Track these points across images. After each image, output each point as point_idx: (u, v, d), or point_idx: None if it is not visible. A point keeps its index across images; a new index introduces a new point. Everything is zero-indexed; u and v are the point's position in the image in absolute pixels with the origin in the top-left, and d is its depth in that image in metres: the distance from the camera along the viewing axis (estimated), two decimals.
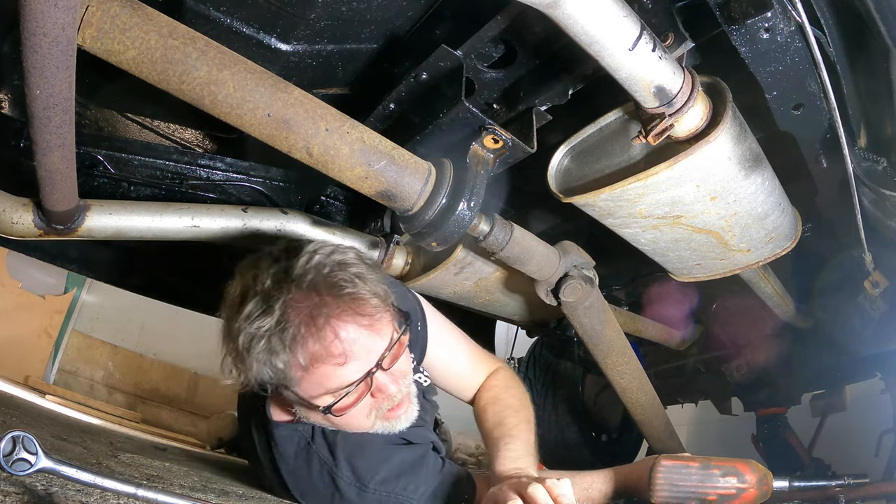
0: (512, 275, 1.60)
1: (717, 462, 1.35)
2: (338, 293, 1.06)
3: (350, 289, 1.07)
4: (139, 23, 0.84)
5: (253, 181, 1.69)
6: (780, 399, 2.40)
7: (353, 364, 1.08)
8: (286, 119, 0.94)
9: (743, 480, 1.31)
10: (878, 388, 2.23)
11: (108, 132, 1.63)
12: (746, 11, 0.93)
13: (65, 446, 1.32)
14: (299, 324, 1.04)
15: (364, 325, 1.08)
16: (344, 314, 1.06)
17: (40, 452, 0.72)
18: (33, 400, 3.23)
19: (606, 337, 1.56)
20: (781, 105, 1.11)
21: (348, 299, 1.07)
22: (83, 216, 1.27)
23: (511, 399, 1.47)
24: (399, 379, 1.16)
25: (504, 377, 1.54)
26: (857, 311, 1.81)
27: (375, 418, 1.16)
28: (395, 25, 1.28)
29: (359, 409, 1.13)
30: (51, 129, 0.89)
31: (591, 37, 0.85)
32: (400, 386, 1.16)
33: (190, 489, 1.15)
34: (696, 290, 2.14)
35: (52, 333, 5.25)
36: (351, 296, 1.07)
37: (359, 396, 1.11)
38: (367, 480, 1.18)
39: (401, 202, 1.09)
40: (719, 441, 3.68)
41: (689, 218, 1.22)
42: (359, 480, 1.18)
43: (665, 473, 1.35)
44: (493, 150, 1.20)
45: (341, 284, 1.07)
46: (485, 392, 1.50)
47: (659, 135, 1.03)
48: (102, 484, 0.78)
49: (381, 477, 1.18)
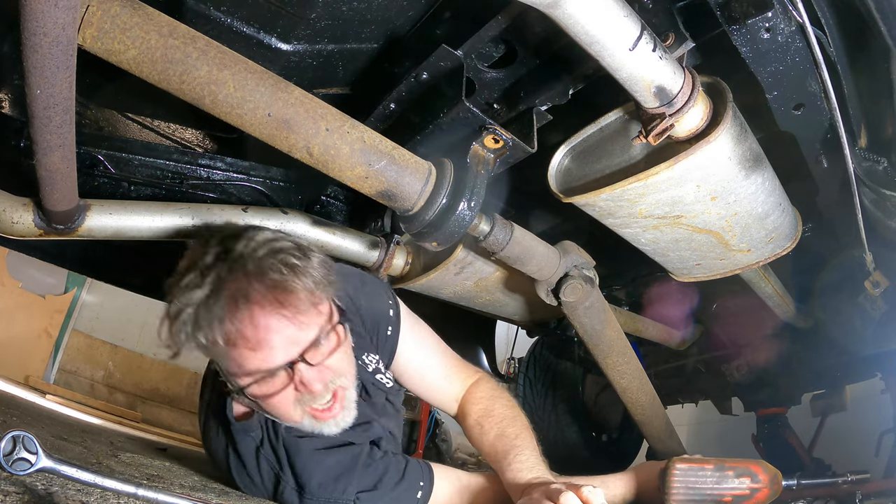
0: (512, 275, 1.60)
1: (730, 463, 1.35)
2: (264, 280, 1.06)
3: (277, 277, 1.06)
4: (139, 22, 0.84)
5: (253, 181, 1.68)
6: (781, 399, 2.40)
7: (272, 352, 1.07)
8: (286, 119, 0.94)
9: (756, 480, 1.32)
10: (878, 388, 2.23)
11: (109, 132, 1.63)
12: (747, 11, 0.93)
13: (65, 446, 1.33)
14: (223, 304, 1.05)
15: (285, 317, 1.07)
16: (265, 302, 1.06)
17: (40, 452, 0.73)
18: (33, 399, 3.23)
19: (607, 337, 1.56)
20: (782, 105, 1.11)
21: (273, 288, 1.06)
22: (83, 216, 1.27)
23: (504, 409, 1.43)
24: (329, 377, 1.14)
25: (488, 388, 1.49)
26: (857, 311, 1.81)
27: (303, 414, 1.15)
28: (396, 25, 1.28)
29: (282, 400, 1.13)
30: (51, 128, 0.89)
31: (591, 37, 0.85)
32: (328, 384, 1.14)
33: (190, 489, 1.15)
34: (696, 290, 2.14)
35: (53, 333, 5.26)
36: (276, 284, 1.06)
37: (282, 386, 1.11)
38: (306, 485, 1.18)
39: (401, 202, 1.09)
40: (719, 441, 3.69)
41: (690, 218, 1.22)
42: (299, 486, 1.19)
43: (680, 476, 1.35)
44: (493, 150, 1.20)
45: (270, 272, 1.06)
46: (473, 406, 1.46)
47: (659, 135, 1.03)
48: (103, 483, 0.78)
49: (318, 481, 1.18)
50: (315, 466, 1.20)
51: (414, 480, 1.28)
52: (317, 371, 1.12)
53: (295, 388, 1.11)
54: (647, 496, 1.48)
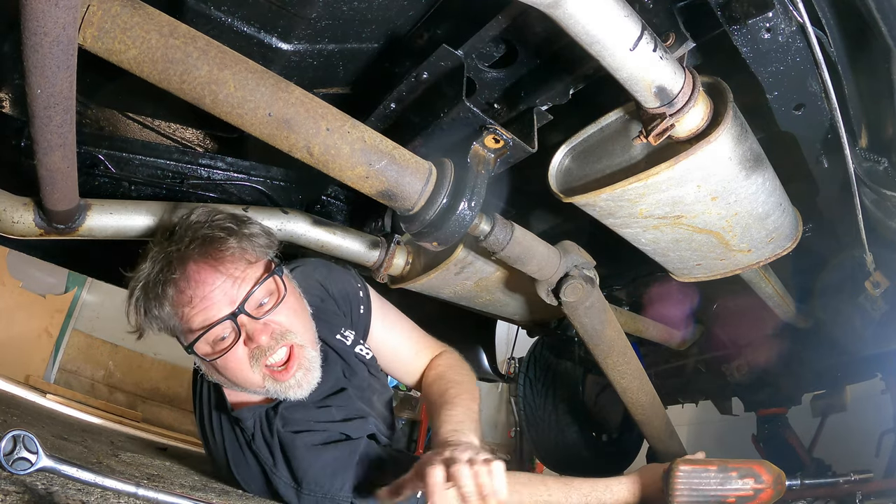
0: (512, 275, 1.60)
1: (734, 464, 1.35)
2: (199, 243, 1.14)
3: (210, 237, 1.14)
4: (140, 22, 0.84)
5: (254, 180, 1.68)
6: (781, 399, 2.40)
7: (213, 305, 1.14)
8: (287, 118, 0.94)
9: (760, 481, 1.32)
10: (878, 388, 2.23)
11: (109, 131, 1.63)
12: (748, 11, 0.93)
13: (65, 445, 1.33)
14: (164, 272, 1.13)
15: (220, 272, 1.14)
16: (200, 260, 1.14)
17: (41, 451, 0.73)
18: (34, 399, 3.24)
19: (607, 337, 1.56)
20: (782, 105, 1.11)
21: (207, 247, 1.14)
22: (84, 215, 1.27)
23: (455, 375, 1.48)
24: (277, 331, 1.18)
25: (450, 358, 1.57)
26: (857, 312, 1.81)
27: (262, 375, 1.18)
28: (396, 25, 1.28)
29: (234, 358, 1.16)
30: (52, 128, 0.89)
31: (592, 37, 0.85)
32: (276, 338, 1.17)
33: (190, 488, 1.15)
34: (696, 290, 2.14)
35: (53, 333, 5.26)
36: (209, 244, 1.14)
37: (231, 342, 1.16)
38: (302, 481, 1.19)
39: (401, 202, 1.09)
40: (719, 441, 3.69)
41: (690, 218, 1.22)
42: (295, 481, 1.20)
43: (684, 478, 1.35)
44: (493, 150, 1.20)
45: (205, 237, 1.14)
46: (430, 371, 1.53)
47: (660, 135, 1.03)
48: (103, 483, 0.78)
49: (315, 476, 1.19)
50: (311, 462, 1.20)
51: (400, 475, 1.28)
52: (262, 324, 1.17)
53: (244, 343, 1.16)
54: (651, 499, 1.48)
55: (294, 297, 1.26)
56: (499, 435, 6.93)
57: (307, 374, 1.21)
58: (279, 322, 1.19)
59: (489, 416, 6.93)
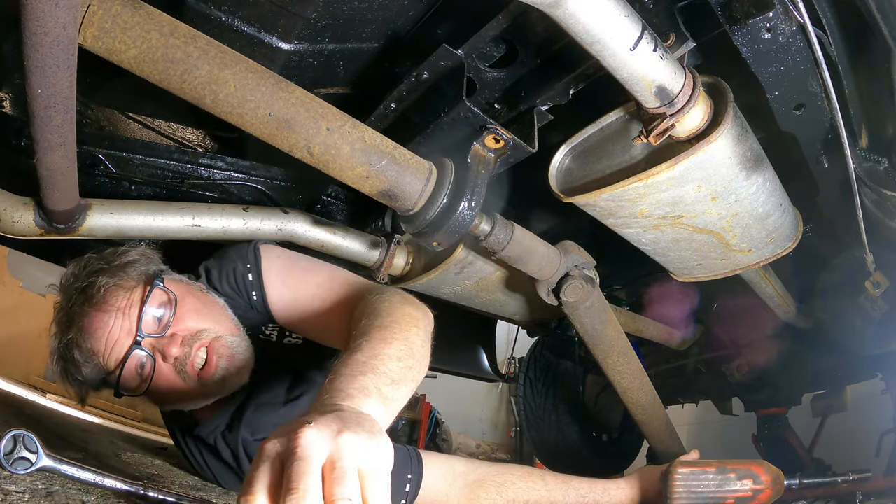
0: (513, 274, 1.60)
1: (732, 465, 1.35)
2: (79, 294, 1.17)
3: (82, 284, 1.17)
4: (140, 22, 0.84)
5: (254, 180, 1.68)
6: (781, 399, 2.40)
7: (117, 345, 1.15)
8: (287, 118, 0.94)
9: (759, 482, 1.32)
10: (878, 388, 2.23)
11: (110, 131, 1.63)
12: (748, 11, 0.93)
13: (66, 445, 1.33)
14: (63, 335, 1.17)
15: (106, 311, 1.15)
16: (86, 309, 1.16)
17: (41, 451, 0.73)
18: (34, 399, 3.23)
19: (607, 337, 1.56)
20: (783, 105, 1.11)
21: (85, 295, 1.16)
22: (84, 215, 1.27)
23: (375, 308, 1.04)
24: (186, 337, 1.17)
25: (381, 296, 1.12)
26: (858, 312, 1.81)
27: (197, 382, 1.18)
28: (397, 25, 1.28)
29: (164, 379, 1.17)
30: (52, 128, 0.88)
31: (592, 36, 0.85)
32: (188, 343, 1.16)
33: (190, 488, 1.15)
34: (696, 290, 2.14)
35: None
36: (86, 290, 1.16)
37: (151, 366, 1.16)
38: None
39: (402, 201, 1.09)
40: (719, 441, 3.68)
41: (690, 218, 1.22)
42: None
43: (682, 480, 1.35)
44: (494, 150, 1.20)
45: (79, 286, 1.18)
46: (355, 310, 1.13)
47: (660, 135, 1.03)
48: (103, 483, 0.78)
49: None
50: None
51: (401, 474, 1.26)
52: (169, 337, 1.16)
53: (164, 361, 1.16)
54: (651, 501, 1.48)
55: (192, 296, 1.23)
56: (499, 435, 6.93)
57: (232, 360, 1.19)
58: (186, 327, 1.18)
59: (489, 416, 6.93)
